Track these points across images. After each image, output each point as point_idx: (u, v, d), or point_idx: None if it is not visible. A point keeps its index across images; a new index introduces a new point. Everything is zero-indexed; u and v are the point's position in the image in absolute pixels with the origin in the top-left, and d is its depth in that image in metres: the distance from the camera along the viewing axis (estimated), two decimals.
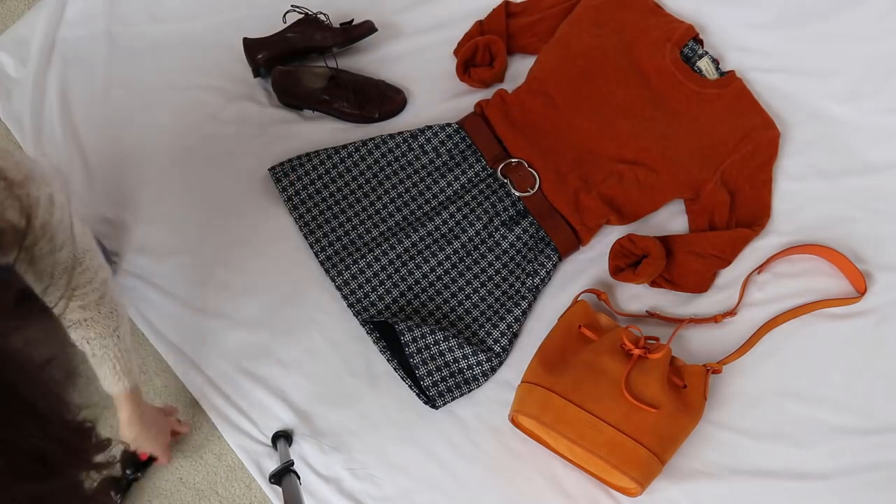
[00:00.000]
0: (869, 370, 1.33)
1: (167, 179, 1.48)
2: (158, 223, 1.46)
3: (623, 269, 1.35)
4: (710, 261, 1.36)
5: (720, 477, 1.27)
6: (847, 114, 1.49)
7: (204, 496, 1.31)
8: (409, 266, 1.37)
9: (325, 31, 1.49)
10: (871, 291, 1.37)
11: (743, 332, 1.35)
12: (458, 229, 1.39)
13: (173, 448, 1.33)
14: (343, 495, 1.28)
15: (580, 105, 1.44)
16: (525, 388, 1.23)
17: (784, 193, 1.44)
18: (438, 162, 1.44)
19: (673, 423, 1.19)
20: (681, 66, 1.46)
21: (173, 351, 1.38)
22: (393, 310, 1.35)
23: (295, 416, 1.33)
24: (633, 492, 1.23)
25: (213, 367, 1.36)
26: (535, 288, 1.36)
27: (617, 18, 1.50)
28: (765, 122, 1.45)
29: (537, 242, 1.38)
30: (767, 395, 1.31)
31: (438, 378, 1.31)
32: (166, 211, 1.46)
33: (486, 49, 1.50)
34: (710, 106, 1.45)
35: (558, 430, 1.18)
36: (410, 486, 1.28)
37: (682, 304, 1.38)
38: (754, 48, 1.54)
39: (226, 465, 1.33)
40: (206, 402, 1.34)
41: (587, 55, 1.47)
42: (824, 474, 1.26)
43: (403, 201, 1.43)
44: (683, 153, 1.41)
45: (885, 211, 1.43)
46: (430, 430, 1.31)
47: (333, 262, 1.38)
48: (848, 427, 1.29)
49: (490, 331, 1.34)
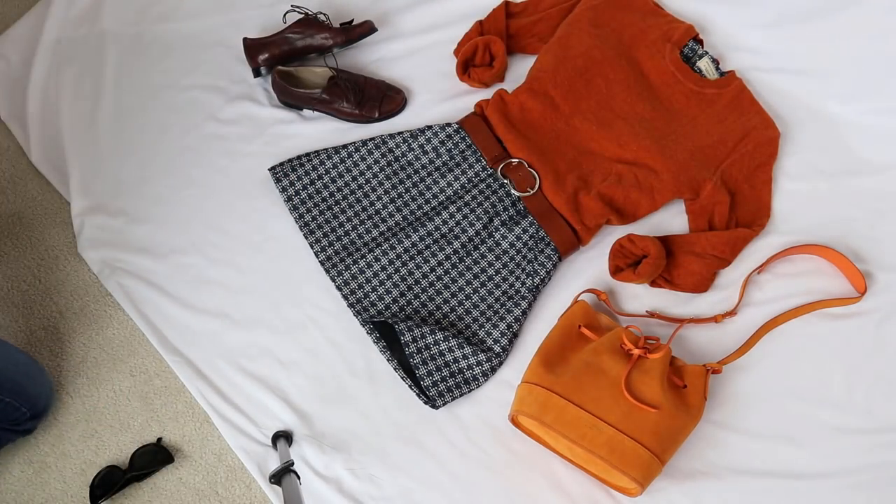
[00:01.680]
0: (869, 370, 1.33)
1: (167, 179, 1.48)
2: (158, 223, 1.46)
3: (623, 269, 1.35)
4: (710, 261, 1.36)
5: (720, 477, 1.27)
6: (847, 114, 1.49)
7: (204, 496, 1.31)
8: (410, 266, 1.37)
9: (325, 31, 1.50)
10: (871, 291, 1.37)
11: (743, 332, 1.35)
12: (458, 229, 1.39)
13: (173, 449, 1.33)
14: (343, 495, 1.28)
15: (580, 105, 1.44)
16: (525, 388, 1.23)
17: (784, 193, 1.44)
18: (438, 162, 1.44)
19: (673, 423, 1.19)
20: (681, 66, 1.46)
21: (173, 351, 1.38)
22: (393, 310, 1.35)
23: (295, 416, 1.33)
24: (633, 492, 1.23)
25: (213, 368, 1.36)
26: (535, 288, 1.36)
27: (617, 19, 1.50)
28: (764, 122, 1.45)
29: (537, 242, 1.38)
30: (767, 395, 1.31)
31: (438, 378, 1.31)
32: (166, 211, 1.46)
33: (485, 49, 1.50)
34: (710, 106, 1.45)
35: (558, 430, 1.18)
36: (410, 486, 1.28)
37: (682, 304, 1.38)
38: (754, 48, 1.54)
39: (226, 466, 1.33)
40: (206, 402, 1.34)
41: (587, 55, 1.47)
42: (824, 474, 1.26)
43: (403, 201, 1.43)
44: (683, 153, 1.41)
45: (885, 211, 1.43)
46: (430, 430, 1.31)
47: (333, 262, 1.38)
48: (848, 427, 1.29)
49: (490, 331, 1.34)
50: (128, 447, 1.33)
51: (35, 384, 1.25)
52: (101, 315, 1.42)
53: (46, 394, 1.30)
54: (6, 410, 1.22)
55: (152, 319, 1.40)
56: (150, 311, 1.40)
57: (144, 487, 1.32)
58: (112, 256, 1.43)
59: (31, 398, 1.25)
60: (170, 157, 1.50)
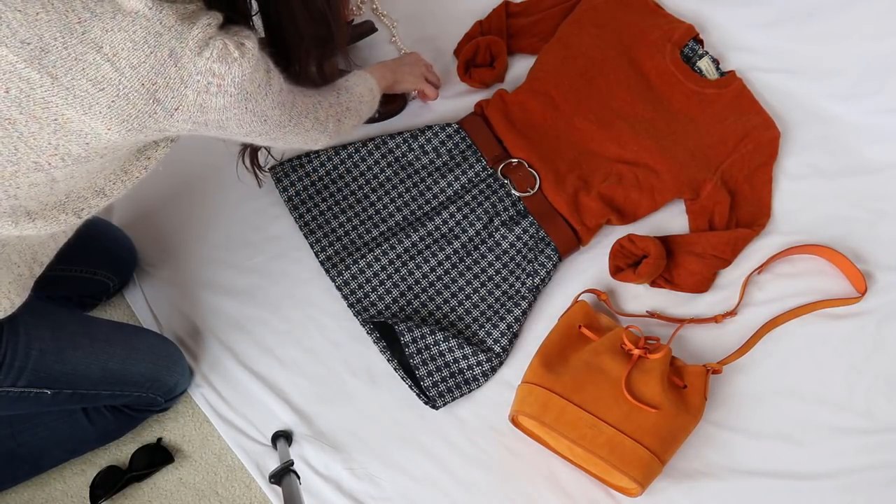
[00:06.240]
0: (869, 370, 1.33)
1: (167, 180, 1.48)
2: (158, 223, 1.46)
3: (623, 269, 1.35)
4: (710, 261, 1.36)
5: (720, 477, 1.27)
6: (847, 114, 1.49)
7: (204, 496, 1.31)
8: (410, 266, 1.37)
9: None
10: (871, 291, 1.37)
11: (743, 332, 1.35)
12: (458, 229, 1.39)
13: (173, 449, 1.33)
14: (343, 495, 1.28)
15: (580, 105, 1.44)
16: (525, 388, 1.23)
17: (784, 193, 1.44)
18: (439, 162, 1.44)
19: (673, 424, 1.19)
20: (681, 66, 1.46)
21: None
22: (393, 310, 1.35)
23: (295, 416, 1.32)
24: (633, 492, 1.23)
25: (212, 367, 1.36)
26: (535, 288, 1.36)
27: (617, 18, 1.51)
28: (765, 122, 1.45)
29: (537, 242, 1.38)
30: (767, 395, 1.31)
31: (438, 378, 1.31)
32: (166, 211, 1.46)
33: (486, 49, 1.50)
34: (711, 106, 1.45)
35: (558, 430, 1.18)
36: (410, 486, 1.28)
37: (682, 304, 1.38)
38: (754, 48, 1.54)
39: (226, 466, 1.33)
40: (205, 402, 1.34)
41: (587, 55, 1.47)
42: (824, 474, 1.26)
43: (404, 201, 1.43)
44: (683, 153, 1.41)
45: (885, 211, 1.43)
46: (431, 430, 1.31)
47: (333, 262, 1.38)
48: (848, 427, 1.29)
49: (490, 331, 1.34)
50: (128, 447, 1.33)
51: (173, 374, 1.26)
52: (100, 315, 1.42)
53: (184, 381, 1.31)
54: (144, 398, 1.24)
55: (151, 319, 1.40)
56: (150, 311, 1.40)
57: (144, 487, 1.32)
58: None
59: (168, 387, 1.26)
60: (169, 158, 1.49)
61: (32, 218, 0.89)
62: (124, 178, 0.95)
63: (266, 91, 0.91)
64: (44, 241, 0.97)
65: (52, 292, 1.25)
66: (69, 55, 0.78)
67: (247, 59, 0.84)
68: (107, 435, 1.29)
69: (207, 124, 0.88)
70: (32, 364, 1.02)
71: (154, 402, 1.26)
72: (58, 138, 0.82)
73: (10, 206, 0.87)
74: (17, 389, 1.02)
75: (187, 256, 1.43)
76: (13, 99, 0.79)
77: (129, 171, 0.95)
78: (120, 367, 1.15)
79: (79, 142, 0.83)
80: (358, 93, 1.22)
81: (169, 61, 0.80)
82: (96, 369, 1.11)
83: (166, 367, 1.24)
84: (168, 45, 0.80)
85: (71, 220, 0.93)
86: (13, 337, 0.99)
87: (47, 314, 1.07)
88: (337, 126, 1.14)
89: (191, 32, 0.81)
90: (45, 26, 0.77)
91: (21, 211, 0.88)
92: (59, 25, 0.77)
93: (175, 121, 0.85)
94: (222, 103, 0.86)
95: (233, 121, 0.90)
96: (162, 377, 1.23)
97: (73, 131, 0.82)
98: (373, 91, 1.27)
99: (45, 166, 0.84)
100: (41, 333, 1.03)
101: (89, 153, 0.85)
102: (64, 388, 1.08)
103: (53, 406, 1.10)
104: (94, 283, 1.33)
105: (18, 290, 0.95)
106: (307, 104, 1.05)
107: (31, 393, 1.04)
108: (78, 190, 0.91)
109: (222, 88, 0.84)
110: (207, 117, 0.87)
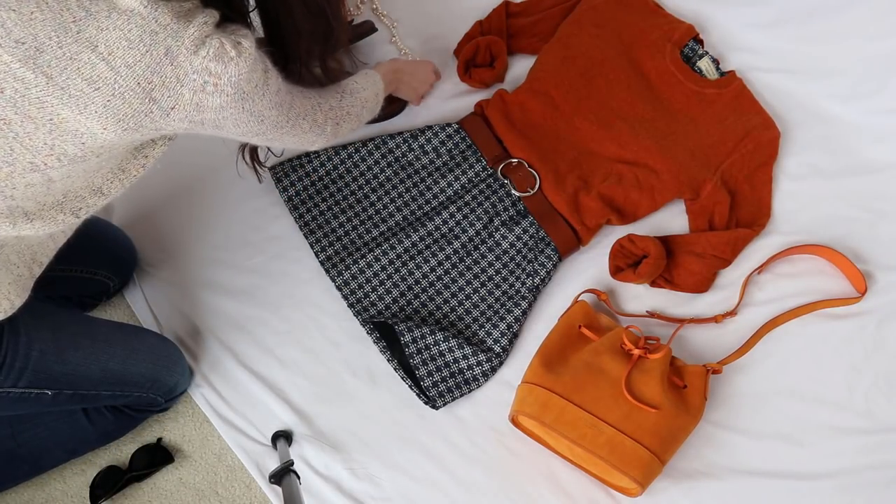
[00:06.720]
0: (869, 370, 1.33)
1: (167, 180, 1.48)
2: (158, 224, 1.46)
3: (623, 269, 1.35)
4: (710, 261, 1.36)
5: (720, 477, 1.27)
6: (847, 114, 1.49)
7: (204, 496, 1.31)
8: (410, 266, 1.37)
9: None
10: (871, 291, 1.37)
11: (743, 332, 1.35)
12: (458, 229, 1.39)
13: (173, 449, 1.33)
14: (343, 495, 1.28)
15: (580, 105, 1.44)
16: (525, 388, 1.23)
17: (784, 193, 1.44)
18: (439, 162, 1.44)
19: (673, 424, 1.19)
20: (681, 66, 1.46)
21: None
22: (393, 310, 1.35)
23: (295, 416, 1.32)
24: (633, 492, 1.23)
25: (212, 367, 1.36)
26: (535, 288, 1.36)
27: (617, 18, 1.50)
28: (765, 122, 1.45)
29: (537, 242, 1.38)
30: (767, 395, 1.31)
31: (438, 378, 1.31)
32: (166, 211, 1.46)
33: (486, 49, 1.50)
34: (711, 106, 1.45)
35: (558, 430, 1.18)
36: (410, 486, 1.28)
37: (682, 304, 1.38)
38: (754, 48, 1.54)
39: (226, 466, 1.33)
40: (205, 401, 1.34)
41: (587, 55, 1.47)
42: (824, 474, 1.26)
43: (404, 201, 1.43)
44: (683, 153, 1.41)
45: (885, 211, 1.43)
46: (431, 430, 1.31)
47: (333, 262, 1.38)
48: (848, 427, 1.29)
49: (490, 331, 1.34)
50: (128, 447, 1.33)
51: (173, 374, 1.26)
52: (100, 315, 1.42)
53: (184, 381, 1.31)
54: (145, 399, 1.24)
55: (152, 320, 1.40)
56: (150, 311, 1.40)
57: (144, 487, 1.32)
58: None
59: (169, 387, 1.26)
60: (169, 158, 1.49)
61: (30, 218, 0.89)
62: (122, 177, 0.95)
63: (263, 91, 0.90)
64: (43, 242, 0.97)
65: (52, 293, 1.25)
66: (64, 54, 0.78)
67: (243, 58, 0.84)
68: (107, 435, 1.29)
69: (204, 123, 0.88)
70: (33, 365, 1.02)
71: (154, 403, 1.26)
72: (53, 138, 0.82)
73: (7, 207, 0.86)
74: (17, 390, 1.02)
75: (187, 256, 1.43)
76: (8, 99, 0.79)
77: (127, 169, 0.95)
78: (120, 368, 1.15)
79: (75, 141, 0.83)
80: (362, 97, 1.21)
81: (165, 60, 0.80)
82: (96, 370, 1.11)
83: (166, 368, 1.24)
84: (164, 44, 0.79)
85: (69, 219, 0.93)
86: (13, 338, 0.99)
87: (47, 315, 1.07)
88: (335, 129, 1.14)
89: (187, 31, 0.80)
90: (39, 25, 0.77)
91: (18, 211, 0.88)
92: (53, 24, 0.77)
93: (171, 120, 0.85)
94: (219, 102, 0.85)
95: (229, 120, 0.89)
96: (162, 377, 1.23)
97: (69, 131, 0.82)
98: (378, 96, 1.27)
99: (41, 166, 0.84)
100: (41, 334, 1.03)
101: (85, 153, 0.85)
102: (64, 388, 1.08)
103: (54, 406, 1.10)
104: (94, 284, 1.33)
105: (18, 291, 0.95)
106: (306, 106, 1.05)
107: (31, 394, 1.04)
108: (75, 189, 0.91)
109: (219, 87, 0.84)
110: (204, 116, 0.87)
